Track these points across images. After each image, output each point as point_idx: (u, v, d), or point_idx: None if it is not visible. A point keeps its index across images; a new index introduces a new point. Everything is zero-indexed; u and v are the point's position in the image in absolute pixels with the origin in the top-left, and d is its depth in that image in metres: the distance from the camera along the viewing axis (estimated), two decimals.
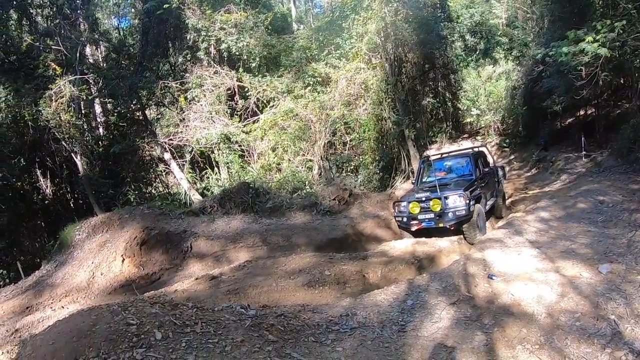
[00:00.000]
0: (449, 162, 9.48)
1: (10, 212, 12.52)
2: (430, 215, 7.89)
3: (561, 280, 4.92)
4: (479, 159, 9.20)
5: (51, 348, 3.21)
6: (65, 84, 10.25)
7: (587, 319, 4.14)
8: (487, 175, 9.16)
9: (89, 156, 10.45)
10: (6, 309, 6.75)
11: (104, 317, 3.52)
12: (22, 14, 11.88)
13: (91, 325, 3.39)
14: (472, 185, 8.20)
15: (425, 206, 7.97)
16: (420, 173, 9.61)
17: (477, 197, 8.14)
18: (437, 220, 7.80)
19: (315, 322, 4.39)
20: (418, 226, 8.05)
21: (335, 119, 10.46)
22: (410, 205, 8.15)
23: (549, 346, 3.93)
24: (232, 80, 10.44)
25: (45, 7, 12.08)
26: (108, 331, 3.32)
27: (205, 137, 9.52)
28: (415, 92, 12.60)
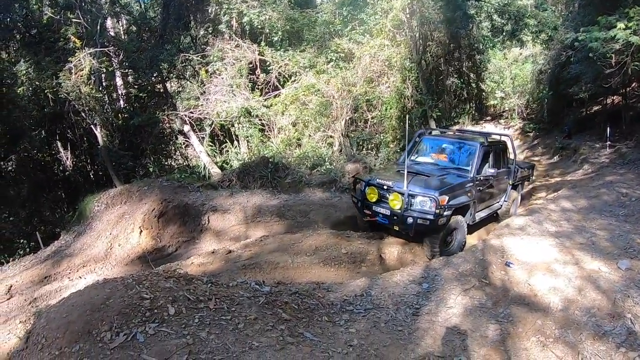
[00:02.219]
0: (451, 144, 7.72)
1: (31, 183, 12.67)
2: (387, 210, 6.29)
3: (579, 273, 4.82)
4: (491, 154, 7.36)
5: (64, 321, 3.20)
6: (85, 56, 10.20)
7: (603, 315, 4.08)
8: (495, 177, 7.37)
9: (109, 128, 10.46)
10: (25, 279, 6.82)
11: (118, 290, 3.50)
12: None
13: (105, 298, 3.38)
14: (460, 188, 6.49)
15: (384, 196, 6.38)
16: (411, 148, 7.78)
17: (462, 206, 6.50)
18: (393, 221, 6.24)
19: (330, 301, 4.35)
20: (371, 218, 6.57)
21: (358, 96, 10.23)
22: (367, 190, 6.55)
23: (563, 341, 3.88)
24: (253, 54, 10.27)
25: None
26: (121, 305, 3.31)
27: (226, 110, 9.41)
28: (439, 71, 12.29)
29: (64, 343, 3.03)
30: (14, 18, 11.87)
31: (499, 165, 7.65)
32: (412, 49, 11.26)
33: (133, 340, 3.06)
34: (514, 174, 8.18)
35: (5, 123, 11.83)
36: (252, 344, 3.30)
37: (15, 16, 11.89)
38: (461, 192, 6.51)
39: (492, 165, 7.40)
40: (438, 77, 12.01)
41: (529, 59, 18.32)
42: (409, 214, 6.06)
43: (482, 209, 7.40)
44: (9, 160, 12.96)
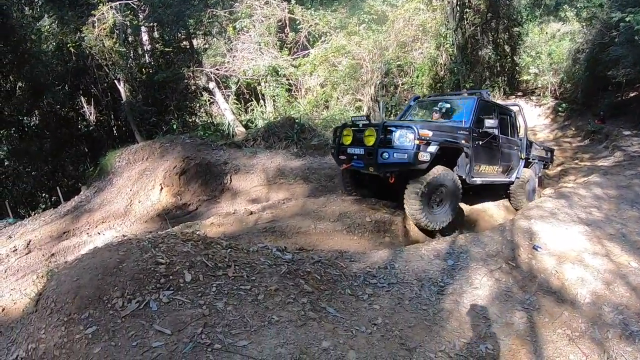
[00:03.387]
0: (447, 103, 7.08)
1: (54, 138, 12.72)
2: (361, 150, 5.64)
3: (608, 266, 4.60)
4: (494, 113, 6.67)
5: (75, 285, 3.04)
6: (108, 10, 9.96)
7: (630, 314, 3.85)
8: (499, 138, 6.68)
9: (132, 83, 10.28)
10: (44, 233, 6.75)
11: (133, 253, 3.31)
12: None
13: (118, 262, 3.20)
14: (451, 130, 5.78)
15: (359, 137, 5.73)
16: (405, 112, 7.42)
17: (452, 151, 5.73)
18: (368, 161, 5.52)
19: (353, 272, 4.18)
20: (346, 165, 5.93)
21: (389, 60, 9.81)
22: (343, 132, 6.02)
23: (590, 337, 3.69)
24: (283, 12, 9.87)
25: None
26: (135, 270, 3.12)
27: (253, 68, 9.12)
28: (475, 40, 11.72)
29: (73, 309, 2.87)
30: None
31: (506, 131, 7.08)
32: (448, 15, 10.71)
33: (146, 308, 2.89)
34: (525, 148, 7.49)
35: (28, 78, 11.83)
36: (271, 317, 3.10)
37: None
38: (451, 134, 5.74)
39: (499, 127, 6.69)
40: (473, 46, 11.46)
41: (567, 36, 17.47)
42: (384, 150, 5.33)
43: (483, 172, 6.55)
44: (33, 115, 13.00)
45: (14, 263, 6.00)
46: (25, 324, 3.18)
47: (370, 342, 3.22)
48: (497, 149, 6.74)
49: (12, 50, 11.47)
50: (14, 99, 12.40)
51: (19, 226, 7.44)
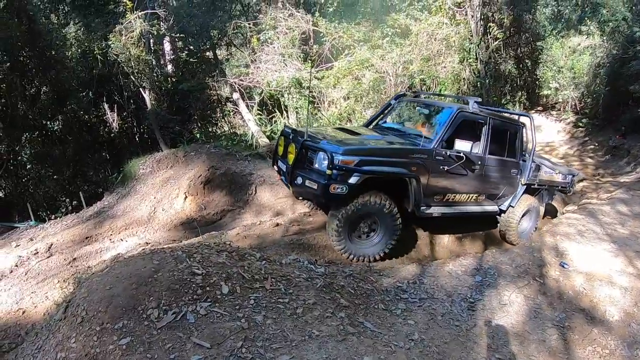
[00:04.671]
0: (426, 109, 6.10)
1: (77, 143, 12.85)
2: (285, 165, 5.13)
3: (636, 283, 4.63)
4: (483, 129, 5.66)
5: (108, 293, 3.03)
6: (135, 18, 10.14)
7: None
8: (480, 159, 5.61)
9: (157, 92, 10.41)
10: (66, 237, 6.73)
11: (168, 263, 3.31)
12: None
13: (153, 271, 3.19)
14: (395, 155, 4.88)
15: (288, 149, 5.16)
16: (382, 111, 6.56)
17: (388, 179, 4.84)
18: (288, 179, 4.97)
19: (384, 287, 4.22)
20: (279, 176, 5.53)
21: (413, 74, 9.81)
22: (279, 140, 5.56)
23: (620, 354, 3.74)
24: (307, 24, 9.96)
25: None
26: (171, 280, 3.11)
27: (276, 80, 9.17)
28: (497, 55, 11.69)
29: (107, 318, 2.86)
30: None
31: (500, 150, 5.98)
32: (472, 29, 10.70)
33: (182, 320, 2.87)
34: (529, 171, 6.27)
35: (53, 84, 11.99)
36: (311, 332, 3.08)
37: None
38: (394, 161, 4.83)
39: (486, 146, 5.70)
40: (496, 61, 11.43)
41: (587, 50, 17.33)
42: (299, 172, 4.76)
43: (451, 201, 5.63)
44: (56, 120, 13.16)
45: (35, 266, 5.97)
46: (53, 331, 3.16)
47: (410, 357, 3.26)
48: (478, 173, 5.76)
49: (38, 55, 11.66)
50: (39, 103, 12.58)
51: (40, 229, 7.42)
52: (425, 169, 5.09)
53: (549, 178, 6.84)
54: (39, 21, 11.53)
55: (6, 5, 10.59)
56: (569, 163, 12.91)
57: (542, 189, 6.87)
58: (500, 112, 6.63)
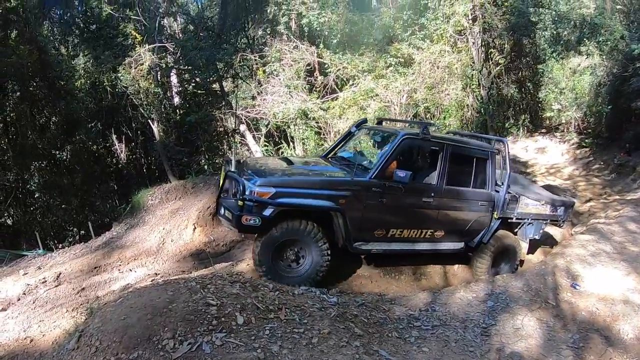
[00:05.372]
0: (378, 137, 5.77)
1: (85, 174, 13.02)
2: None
3: None
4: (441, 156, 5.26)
5: (122, 324, 3.05)
6: (145, 51, 10.34)
7: None
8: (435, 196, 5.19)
9: (165, 123, 10.58)
10: (74, 267, 6.72)
11: (182, 294, 3.36)
12: None
13: (167, 302, 3.22)
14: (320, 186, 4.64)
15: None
16: (342, 140, 6.19)
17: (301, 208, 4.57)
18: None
19: (396, 316, 4.24)
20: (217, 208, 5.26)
21: (418, 102, 9.95)
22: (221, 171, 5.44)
23: None
24: (312, 56, 10.15)
25: None
26: (186, 311, 3.14)
27: (283, 111, 9.32)
28: (499, 80, 11.86)
29: (121, 349, 2.88)
30: (73, 14, 12.26)
31: (464, 180, 5.55)
32: (474, 56, 10.88)
33: (198, 350, 2.89)
34: (502, 203, 5.69)
35: (63, 114, 12.18)
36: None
37: (75, 12, 12.23)
38: (317, 194, 4.58)
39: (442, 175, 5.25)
40: (498, 86, 11.59)
41: (587, 70, 17.49)
42: (222, 202, 4.80)
43: (395, 237, 5.16)
44: (65, 150, 13.33)
45: (43, 294, 5.94)
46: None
47: None
48: (432, 206, 5.29)
49: (48, 85, 11.92)
50: (48, 133, 12.77)
51: (48, 258, 7.43)
52: (358, 202, 4.78)
53: (533, 210, 6.16)
54: (49, 52, 11.77)
55: (17, 35, 10.83)
56: (575, 184, 12.92)
57: (525, 222, 6.18)
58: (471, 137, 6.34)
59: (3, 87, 11.54)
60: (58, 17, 12.40)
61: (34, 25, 11.10)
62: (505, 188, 5.75)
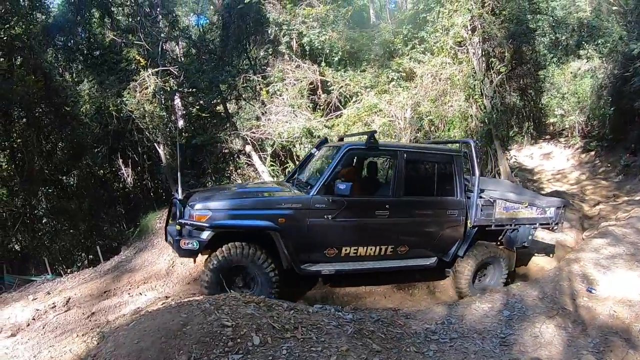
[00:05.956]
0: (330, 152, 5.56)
1: (92, 198, 13.06)
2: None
3: None
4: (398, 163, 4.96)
5: (136, 347, 3.01)
6: (149, 75, 10.44)
7: None
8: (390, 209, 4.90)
9: (172, 146, 10.64)
10: (84, 292, 6.68)
11: (196, 316, 3.33)
12: (104, 13, 12.36)
13: (181, 324, 3.19)
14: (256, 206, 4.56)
15: None
16: (304, 163, 6.08)
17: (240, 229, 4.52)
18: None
19: (413, 330, 4.22)
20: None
21: (422, 116, 9.98)
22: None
23: None
24: (314, 75, 10.22)
25: (125, 6, 12.50)
26: (200, 333, 3.11)
27: (287, 131, 9.37)
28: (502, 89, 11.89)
29: None
30: (77, 40, 12.41)
31: (426, 188, 5.30)
32: (475, 66, 10.92)
33: None
34: (475, 210, 5.28)
35: (69, 139, 12.26)
36: None
37: (78, 39, 12.39)
38: (254, 214, 4.51)
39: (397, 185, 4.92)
40: (501, 94, 11.63)
41: (588, 74, 17.57)
42: (169, 229, 4.81)
43: (350, 255, 4.90)
44: (72, 175, 13.40)
45: (53, 319, 5.92)
46: None
47: None
48: (388, 220, 4.95)
49: (54, 111, 12.03)
50: (54, 158, 12.85)
51: (57, 283, 7.40)
52: (300, 220, 4.60)
53: (515, 215, 5.67)
54: (54, 78, 11.90)
55: (22, 63, 10.96)
56: (583, 188, 12.92)
57: (506, 229, 5.74)
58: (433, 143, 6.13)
59: (9, 114, 11.66)
60: (62, 44, 12.55)
61: (38, 52, 11.22)
62: (476, 193, 5.29)
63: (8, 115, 11.57)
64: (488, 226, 5.54)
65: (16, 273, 10.33)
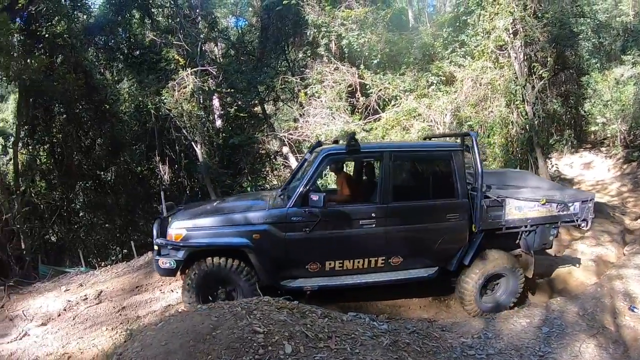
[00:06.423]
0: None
1: (128, 194, 13.31)
2: None
3: None
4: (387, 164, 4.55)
5: (163, 349, 2.92)
6: (188, 75, 10.59)
7: None
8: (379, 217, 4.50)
9: (209, 146, 10.77)
10: (116, 286, 6.67)
11: (226, 320, 3.21)
12: (144, 14, 12.58)
13: (211, 328, 3.08)
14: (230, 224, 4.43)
15: None
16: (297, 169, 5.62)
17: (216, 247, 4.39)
18: None
19: (449, 344, 4.09)
20: None
21: (461, 121, 9.79)
22: None
23: None
24: (353, 77, 10.16)
25: (165, 7, 12.71)
26: (230, 338, 2.98)
27: (325, 133, 9.34)
28: (544, 95, 11.57)
29: None
30: (117, 40, 12.67)
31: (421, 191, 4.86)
32: (517, 71, 10.64)
33: None
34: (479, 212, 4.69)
35: (108, 136, 12.53)
36: None
37: (119, 38, 12.66)
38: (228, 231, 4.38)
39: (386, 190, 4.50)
40: (543, 101, 11.31)
41: (631, 80, 16.90)
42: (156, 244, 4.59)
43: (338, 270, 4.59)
44: (109, 171, 13.70)
45: (84, 311, 5.94)
46: None
47: None
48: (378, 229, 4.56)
49: (94, 109, 12.31)
50: (93, 154, 13.15)
51: (90, 275, 7.44)
52: (276, 235, 4.38)
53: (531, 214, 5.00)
54: (95, 77, 12.18)
55: (63, 61, 11.25)
56: (624, 200, 12.44)
57: (521, 232, 5.09)
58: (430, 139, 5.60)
59: (50, 110, 12.00)
60: (102, 44, 12.89)
61: (79, 51, 11.55)
62: (480, 193, 4.67)
63: (49, 111, 11.95)
64: (498, 229, 4.96)
65: (51, 264, 10.55)
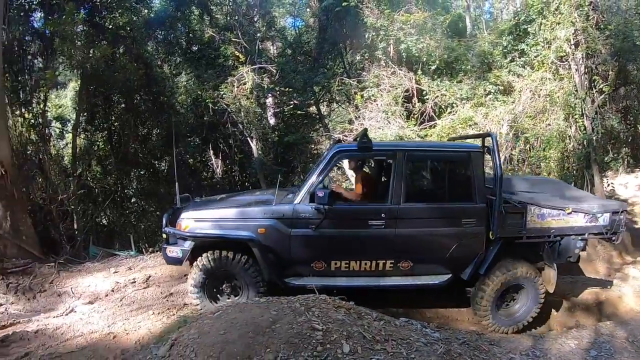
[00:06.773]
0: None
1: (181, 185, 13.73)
2: None
3: None
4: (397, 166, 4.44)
5: (221, 338, 2.96)
6: (248, 71, 10.89)
7: None
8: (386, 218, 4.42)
9: (264, 142, 11.07)
10: (164, 272, 6.86)
11: (286, 315, 3.27)
12: (203, 10, 12.95)
13: (271, 322, 3.13)
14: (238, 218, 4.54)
15: None
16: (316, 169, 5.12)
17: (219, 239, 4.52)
18: None
19: (498, 358, 4.12)
20: None
21: (518, 133, 9.69)
22: None
23: None
24: (410, 82, 10.20)
25: (224, 5, 13.05)
26: (290, 333, 3.02)
27: (380, 137, 9.46)
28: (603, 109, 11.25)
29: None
30: (177, 35, 13.10)
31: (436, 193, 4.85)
32: (577, 83, 10.42)
33: None
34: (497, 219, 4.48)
35: (164, 127, 13.03)
36: None
37: (178, 33, 13.10)
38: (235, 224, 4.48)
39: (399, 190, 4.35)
40: (603, 116, 11.02)
41: None
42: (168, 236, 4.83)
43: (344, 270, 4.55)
44: (164, 161, 14.22)
45: (131, 294, 6.14)
46: None
47: None
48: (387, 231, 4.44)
49: (152, 100, 12.78)
50: (149, 143, 13.66)
51: (139, 260, 7.68)
52: (282, 231, 4.43)
53: (555, 224, 4.74)
54: (154, 69, 12.70)
55: (125, 51, 11.79)
56: None
57: (543, 242, 4.87)
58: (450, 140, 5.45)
59: (109, 98, 12.58)
60: (162, 37, 13.41)
61: (140, 43, 12.01)
62: (498, 198, 4.45)
63: (109, 100, 12.47)
64: (518, 238, 4.77)
65: (101, 245, 10.93)
